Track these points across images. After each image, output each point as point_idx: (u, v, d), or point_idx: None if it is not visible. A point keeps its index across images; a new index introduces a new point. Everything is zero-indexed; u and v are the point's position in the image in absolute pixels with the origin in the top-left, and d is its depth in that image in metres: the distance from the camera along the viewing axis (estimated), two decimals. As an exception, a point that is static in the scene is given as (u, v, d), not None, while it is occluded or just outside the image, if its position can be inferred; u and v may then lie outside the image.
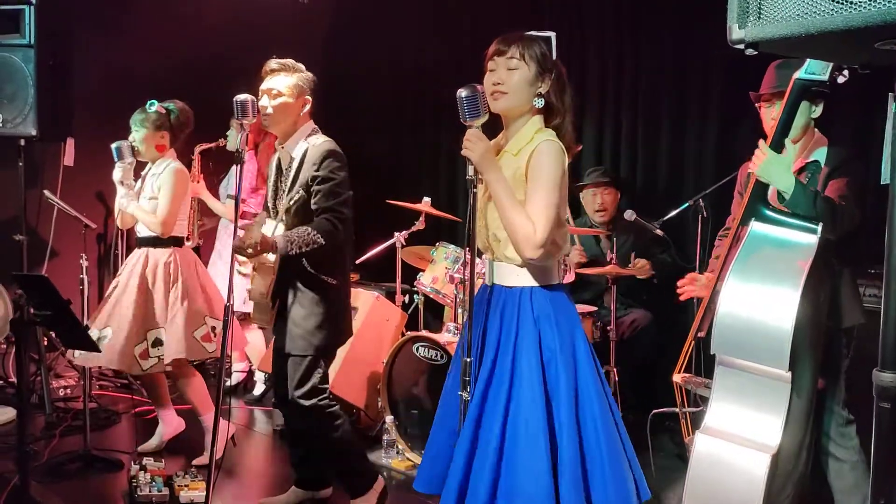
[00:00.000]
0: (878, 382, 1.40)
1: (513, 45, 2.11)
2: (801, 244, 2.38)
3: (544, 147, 2.07)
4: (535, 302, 2.12)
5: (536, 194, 2.06)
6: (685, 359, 2.84)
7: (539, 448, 1.99)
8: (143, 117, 3.60)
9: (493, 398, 2.08)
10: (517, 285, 2.14)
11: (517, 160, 2.12)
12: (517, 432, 2.02)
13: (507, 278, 2.17)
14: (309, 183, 2.80)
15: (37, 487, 3.23)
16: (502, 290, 2.17)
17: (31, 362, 4.38)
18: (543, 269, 2.14)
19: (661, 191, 4.50)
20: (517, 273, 2.15)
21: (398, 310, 4.27)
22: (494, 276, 2.20)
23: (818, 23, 1.32)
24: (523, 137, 2.15)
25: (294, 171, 2.86)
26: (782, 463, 2.38)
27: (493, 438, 2.04)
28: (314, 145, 2.86)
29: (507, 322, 2.13)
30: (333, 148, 2.85)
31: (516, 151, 2.14)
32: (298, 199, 2.82)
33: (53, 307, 2.35)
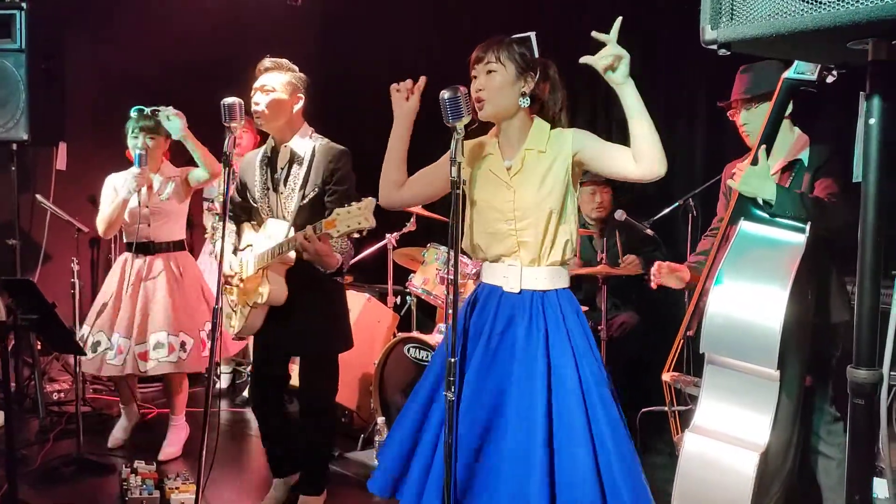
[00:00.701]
0: (852, 379, 1.41)
1: (489, 51, 2.14)
2: (790, 243, 2.39)
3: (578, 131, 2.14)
4: (571, 302, 2.15)
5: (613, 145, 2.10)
6: (674, 358, 2.84)
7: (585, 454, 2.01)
8: (155, 123, 3.60)
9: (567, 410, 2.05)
10: (552, 288, 2.15)
11: (550, 156, 2.13)
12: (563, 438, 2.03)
13: (544, 281, 2.15)
14: (325, 180, 2.83)
15: (29, 492, 3.24)
16: (533, 294, 2.14)
17: (25, 366, 4.39)
18: (566, 272, 2.18)
19: (651, 191, 4.51)
20: (552, 275, 2.15)
21: (389, 311, 4.28)
22: (524, 282, 2.15)
23: (789, 23, 1.33)
24: (541, 134, 2.16)
25: (305, 170, 2.86)
26: (771, 461, 2.38)
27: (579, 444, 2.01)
28: (322, 145, 2.90)
29: (554, 326, 2.11)
30: (344, 148, 2.92)
31: (543, 148, 2.14)
32: (314, 196, 2.84)
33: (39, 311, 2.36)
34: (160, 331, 3.56)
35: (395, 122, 2.31)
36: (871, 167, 1.38)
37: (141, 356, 3.54)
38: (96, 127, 4.60)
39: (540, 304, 2.14)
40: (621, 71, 1.99)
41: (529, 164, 2.16)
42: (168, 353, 3.55)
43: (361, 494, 3.26)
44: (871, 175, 1.38)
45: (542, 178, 2.13)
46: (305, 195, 2.84)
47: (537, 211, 2.12)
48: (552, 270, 2.15)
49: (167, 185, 3.67)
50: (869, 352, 1.40)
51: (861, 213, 1.39)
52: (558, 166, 2.13)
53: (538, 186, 2.13)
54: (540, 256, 2.14)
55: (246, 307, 2.92)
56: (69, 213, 4.52)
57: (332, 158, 2.86)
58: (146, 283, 3.61)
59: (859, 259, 1.41)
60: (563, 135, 2.15)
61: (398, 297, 4.44)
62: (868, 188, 1.38)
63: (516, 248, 2.16)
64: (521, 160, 2.16)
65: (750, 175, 2.43)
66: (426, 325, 4.30)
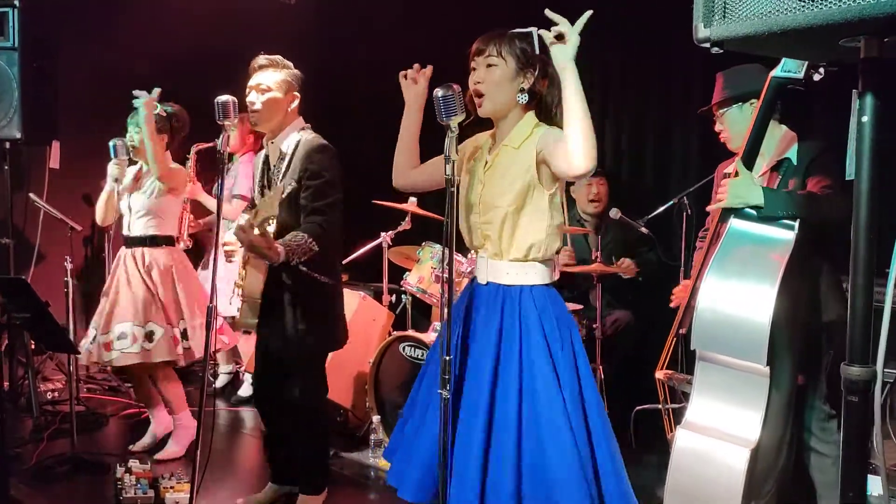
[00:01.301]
0: (846, 376, 1.41)
1: (490, 44, 2.14)
2: (779, 240, 2.40)
3: (549, 130, 2.11)
4: (537, 299, 2.14)
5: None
6: (667, 355, 2.85)
7: (566, 440, 2.01)
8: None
9: (502, 398, 2.07)
10: (517, 283, 2.15)
11: (520, 153, 2.13)
12: (539, 427, 2.03)
13: (506, 276, 2.16)
14: (301, 175, 2.78)
15: (24, 490, 3.23)
16: (498, 287, 2.17)
17: (19, 366, 4.38)
18: (543, 267, 2.17)
19: (646, 189, 4.52)
20: (517, 270, 2.15)
21: (385, 310, 4.27)
22: (488, 274, 2.19)
23: (781, 21, 1.34)
24: (523, 130, 2.16)
25: (286, 164, 2.84)
26: (763, 458, 2.39)
27: (509, 438, 2.03)
28: (306, 139, 2.85)
29: (509, 319, 2.13)
30: (327, 143, 2.86)
31: (518, 144, 2.14)
32: (291, 191, 2.79)
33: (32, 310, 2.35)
34: (124, 321, 3.53)
35: (406, 108, 2.36)
36: (863, 164, 1.38)
37: (105, 346, 3.52)
38: (90, 125, 4.57)
39: (500, 298, 2.15)
40: (566, 51, 1.92)
41: (500, 160, 2.17)
42: (131, 343, 3.51)
43: (356, 493, 3.28)
44: (864, 172, 1.38)
45: (504, 174, 2.14)
46: (283, 190, 2.77)
47: (494, 207, 2.15)
48: (518, 266, 2.16)
49: (147, 180, 3.66)
50: (862, 349, 1.40)
51: (854, 210, 1.39)
52: (522, 163, 2.12)
53: (499, 182, 2.15)
54: (501, 251, 2.17)
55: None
56: (62, 211, 4.51)
57: (307, 154, 2.80)
58: (121, 275, 3.61)
59: (852, 256, 1.41)
60: (539, 132, 2.14)
61: (393, 296, 4.44)
62: (861, 185, 1.38)
63: (483, 240, 2.21)
64: (495, 156, 2.18)
65: (734, 187, 2.45)
66: (421, 324, 4.30)
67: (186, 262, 3.83)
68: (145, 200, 3.64)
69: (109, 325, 3.55)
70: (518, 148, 2.14)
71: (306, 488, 3.03)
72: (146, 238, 3.67)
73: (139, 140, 3.60)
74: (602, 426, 2.09)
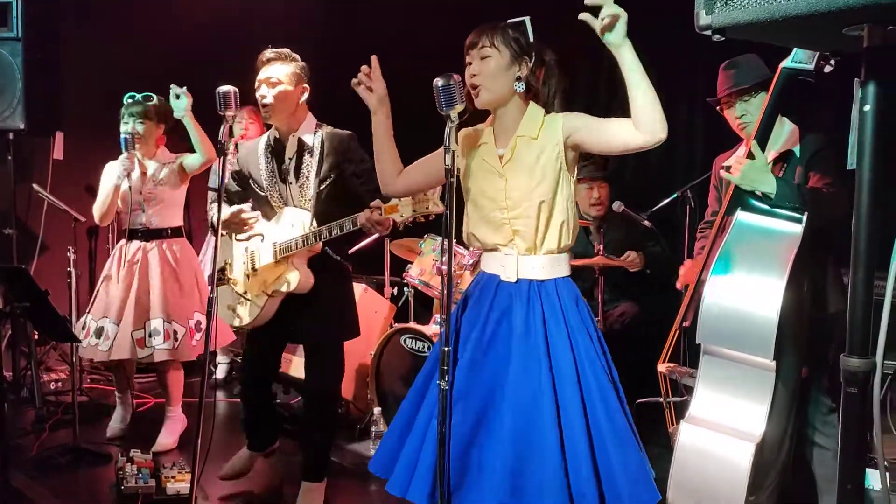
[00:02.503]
0: (845, 367, 1.40)
1: (483, 35, 2.13)
2: (787, 233, 2.39)
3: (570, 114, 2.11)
4: (571, 291, 2.13)
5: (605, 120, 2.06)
6: (670, 348, 2.84)
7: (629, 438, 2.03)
8: (148, 109, 3.60)
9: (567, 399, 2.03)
10: (550, 277, 2.12)
11: (542, 143, 2.10)
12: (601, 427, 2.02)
13: (541, 270, 2.12)
14: (340, 166, 2.86)
15: (25, 481, 3.24)
16: (530, 284, 2.12)
17: (22, 356, 4.39)
18: (565, 260, 2.16)
19: (649, 182, 4.50)
20: (551, 263, 2.13)
21: (386, 302, 4.27)
22: (520, 271, 2.13)
23: (783, 8, 1.32)
24: (535, 120, 2.13)
25: (317, 159, 2.87)
26: (766, 452, 2.38)
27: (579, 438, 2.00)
28: (329, 132, 2.91)
29: (551, 316, 2.09)
30: (351, 132, 2.93)
31: (536, 134, 2.12)
32: (329, 183, 2.86)
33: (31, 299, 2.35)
34: (157, 318, 3.55)
35: (372, 115, 2.33)
36: (865, 154, 1.37)
37: (138, 342, 3.54)
38: (93, 116, 4.57)
39: (537, 294, 2.11)
40: (618, 31, 1.90)
41: (521, 152, 2.13)
42: (164, 341, 3.55)
43: (358, 484, 3.28)
44: (866, 162, 1.37)
45: (533, 165, 2.11)
46: (322, 183, 2.86)
47: (529, 199, 2.10)
48: (549, 259, 2.13)
49: (161, 171, 3.66)
50: (862, 340, 1.39)
51: (855, 200, 1.38)
52: (549, 153, 2.10)
53: (529, 174, 2.11)
54: (536, 245, 2.12)
55: (262, 296, 2.92)
56: (66, 202, 4.51)
57: (342, 144, 2.89)
58: (140, 270, 3.60)
59: (853, 247, 1.40)
60: (555, 120, 2.13)
61: (395, 288, 4.43)
62: (863, 175, 1.37)
63: (512, 236, 2.14)
64: (513, 148, 2.15)
65: (749, 169, 2.42)
66: (423, 316, 4.29)
67: (194, 253, 3.85)
68: (162, 192, 3.64)
69: (142, 320, 3.55)
70: (537, 138, 2.12)
71: (311, 475, 3.04)
72: (166, 230, 3.68)
73: (144, 130, 3.60)
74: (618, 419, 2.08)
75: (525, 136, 2.13)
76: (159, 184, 3.64)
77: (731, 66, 2.69)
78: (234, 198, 3.09)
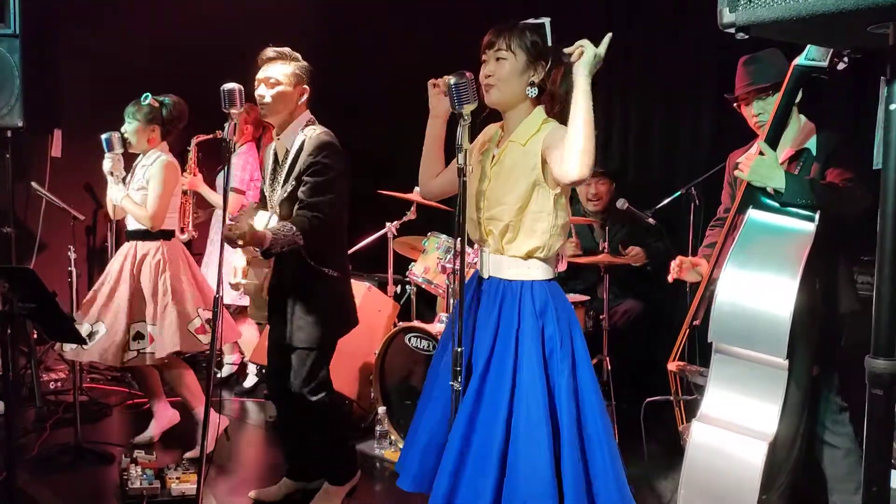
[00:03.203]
0: (870, 369, 1.39)
1: (500, 37, 2.11)
2: (799, 231, 2.37)
3: (555, 128, 2.08)
4: (536, 295, 2.10)
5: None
6: (680, 347, 2.83)
7: (542, 446, 1.98)
8: (135, 110, 3.59)
9: (491, 394, 2.05)
10: (517, 279, 2.12)
11: (526, 150, 2.09)
12: (519, 429, 2.01)
13: (507, 271, 2.14)
14: (302, 171, 2.75)
15: (27, 480, 3.21)
16: (500, 282, 2.14)
17: (22, 355, 4.35)
18: (545, 263, 2.14)
19: (654, 179, 4.48)
20: (518, 266, 2.12)
21: (390, 300, 4.25)
22: (490, 269, 2.17)
23: (809, 6, 1.31)
24: (530, 127, 2.12)
25: (290, 162, 2.81)
26: (778, 451, 2.37)
27: (495, 436, 2.01)
28: (311, 136, 2.80)
29: (507, 315, 2.10)
30: (331, 140, 2.80)
31: (524, 141, 2.11)
32: (292, 189, 2.78)
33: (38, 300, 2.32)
34: (140, 321, 3.49)
35: (431, 116, 2.33)
36: (892, 153, 1.35)
37: (122, 346, 3.46)
38: (92, 114, 4.53)
39: (500, 293, 2.13)
40: (583, 60, 1.93)
41: (506, 156, 2.14)
42: (150, 344, 3.48)
43: (362, 483, 3.25)
44: (893, 161, 1.35)
45: (511, 171, 2.11)
46: (286, 189, 2.78)
47: (499, 204, 2.12)
48: (516, 262, 2.13)
49: (141, 171, 3.61)
50: (888, 342, 1.38)
51: (881, 199, 1.36)
52: (528, 160, 2.09)
53: (505, 179, 2.12)
54: (502, 247, 2.14)
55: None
56: (64, 200, 4.47)
57: (312, 150, 2.75)
58: (130, 272, 3.54)
59: (878, 247, 1.38)
60: (544, 132, 2.10)
61: (398, 286, 4.41)
62: (889, 174, 1.36)
63: (485, 235, 2.19)
64: (502, 152, 2.15)
65: (758, 165, 2.41)
66: (426, 315, 4.28)
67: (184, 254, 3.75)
68: (136, 194, 3.57)
69: (126, 323, 3.49)
70: (524, 145, 2.11)
71: (330, 478, 3.02)
72: (141, 232, 3.60)
73: (131, 132, 3.57)
74: (602, 429, 2.06)
75: (516, 142, 2.14)
76: (142, 187, 3.58)
77: (751, 61, 2.65)
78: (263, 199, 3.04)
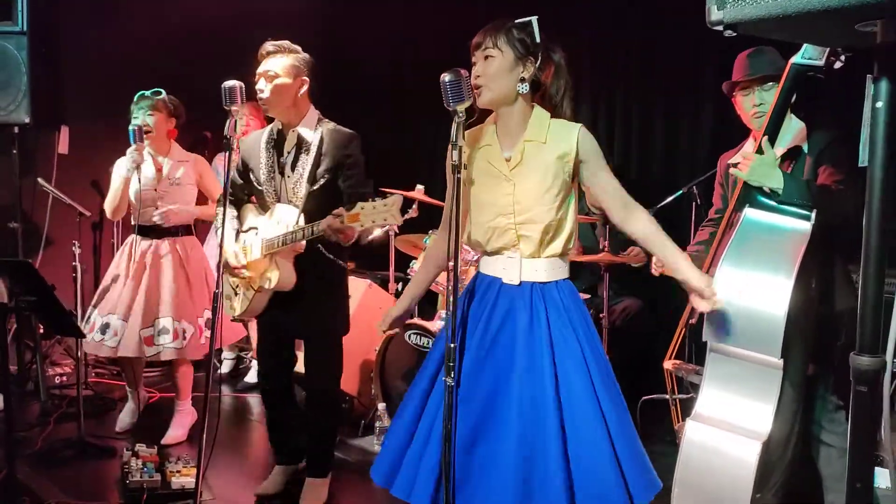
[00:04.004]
0: (855, 366, 1.40)
1: (487, 36, 2.11)
2: (795, 230, 2.37)
3: (584, 132, 2.12)
4: (564, 293, 2.12)
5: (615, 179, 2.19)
6: (676, 345, 2.83)
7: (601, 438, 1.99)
8: (157, 102, 3.60)
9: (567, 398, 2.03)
10: (553, 279, 2.13)
11: (551, 148, 2.09)
12: (577, 425, 2.00)
13: (544, 273, 2.12)
14: (337, 166, 2.83)
15: (30, 474, 3.25)
16: (534, 286, 2.12)
17: (27, 350, 4.40)
18: (565, 262, 2.16)
19: (655, 179, 4.48)
20: (554, 266, 2.13)
21: (391, 297, 4.27)
22: (523, 273, 2.12)
23: (796, 4, 1.31)
24: (541, 124, 2.12)
25: (314, 156, 2.85)
26: (772, 450, 2.37)
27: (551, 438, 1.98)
28: (331, 129, 2.88)
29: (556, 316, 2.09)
30: (354, 132, 2.91)
31: (544, 139, 2.10)
32: (325, 183, 2.83)
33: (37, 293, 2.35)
34: (166, 316, 3.55)
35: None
36: (877, 151, 1.36)
37: (146, 340, 3.54)
38: (98, 110, 4.57)
39: (541, 296, 2.11)
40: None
41: (529, 156, 2.11)
42: (173, 339, 3.55)
43: (362, 480, 3.28)
44: (878, 159, 1.36)
45: (544, 170, 2.09)
46: (316, 181, 2.83)
47: (539, 205, 2.09)
48: (551, 262, 2.13)
49: (178, 170, 3.66)
50: (872, 339, 1.39)
51: (867, 197, 1.37)
52: (560, 160, 2.09)
53: (539, 179, 2.09)
54: (540, 249, 2.11)
55: (250, 290, 2.91)
56: (71, 196, 4.50)
57: (342, 144, 2.85)
58: (151, 268, 3.60)
59: (864, 244, 1.39)
60: (568, 129, 2.11)
61: (399, 284, 4.43)
62: (874, 172, 1.36)
63: (516, 241, 2.12)
64: (521, 152, 2.12)
65: (758, 165, 2.41)
66: (427, 312, 4.30)
67: (204, 252, 3.85)
68: (178, 190, 3.64)
69: (151, 318, 3.55)
70: (545, 142, 2.10)
71: (313, 471, 3.05)
72: (179, 228, 3.68)
73: (153, 122, 3.59)
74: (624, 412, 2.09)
75: (534, 141, 2.11)
76: (175, 183, 3.64)
77: (756, 53, 2.64)
78: (238, 192, 3.07)
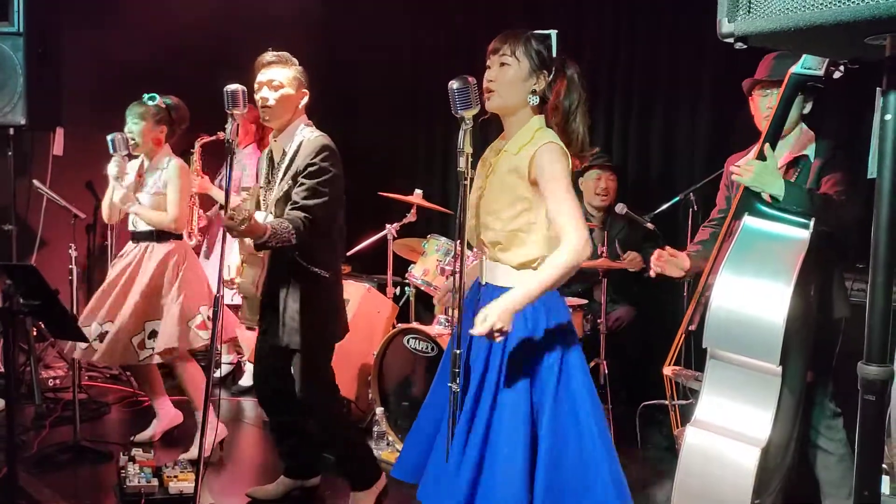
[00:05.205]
0: (863, 375, 1.41)
1: (505, 43, 2.13)
2: (795, 239, 2.39)
3: (546, 150, 2.05)
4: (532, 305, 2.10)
5: (561, 203, 2.04)
6: (675, 352, 2.84)
7: (517, 454, 2.01)
8: (144, 110, 3.57)
9: (485, 397, 2.08)
10: (510, 285, 2.12)
11: (517, 158, 2.11)
12: (499, 434, 2.04)
13: (501, 278, 2.16)
14: (298, 173, 2.77)
15: (26, 478, 3.22)
16: (496, 289, 2.15)
17: (21, 353, 4.36)
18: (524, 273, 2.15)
19: (653, 184, 4.51)
20: (511, 275, 2.14)
21: (389, 302, 4.27)
22: (486, 275, 2.19)
23: (807, 17, 1.32)
24: (524, 136, 2.14)
25: (286, 163, 2.84)
26: (771, 456, 2.39)
27: (477, 438, 2.05)
28: (308, 138, 2.84)
29: None
30: (328, 143, 2.83)
31: (517, 150, 2.12)
32: (287, 189, 2.80)
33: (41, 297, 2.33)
34: (155, 320, 3.52)
35: None
36: (886, 163, 1.37)
37: (139, 345, 3.51)
38: (94, 112, 4.54)
39: (491, 299, 2.11)
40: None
41: (500, 166, 2.16)
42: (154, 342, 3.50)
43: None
44: (887, 171, 1.37)
45: (503, 180, 2.13)
46: (282, 188, 2.80)
47: (493, 213, 2.14)
48: (511, 271, 2.14)
49: (152, 177, 3.61)
50: (880, 348, 1.40)
51: (875, 208, 1.38)
52: (519, 171, 2.10)
53: (499, 189, 2.14)
54: (497, 256, 2.16)
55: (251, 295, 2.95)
56: (66, 198, 4.48)
57: (309, 152, 2.78)
58: (138, 272, 3.56)
59: (872, 255, 1.40)
60: (534, 144, 2.09)
61: (398, 288, 4.43)
62: (883, 184, 1.37)
63: (481, 243, 2.21)
64: (498, 160, 2.17)
65: (761, 171, 2.43)
66: (425, 317, 4.30)
67: (193, 254, 3.81)
68: (150, 199, 3.59)
69: (141, 323, 3.52)
70: (517, 154, 2.12)
71: (352, 484, 3.02)
72: (155, 233, 3.61)
73: (138, 133, 3.56)
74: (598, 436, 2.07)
75: (508, 152, 2.15)
76: (148, 192, 3.59)
77: (783, 56, 2.61)
78: None
